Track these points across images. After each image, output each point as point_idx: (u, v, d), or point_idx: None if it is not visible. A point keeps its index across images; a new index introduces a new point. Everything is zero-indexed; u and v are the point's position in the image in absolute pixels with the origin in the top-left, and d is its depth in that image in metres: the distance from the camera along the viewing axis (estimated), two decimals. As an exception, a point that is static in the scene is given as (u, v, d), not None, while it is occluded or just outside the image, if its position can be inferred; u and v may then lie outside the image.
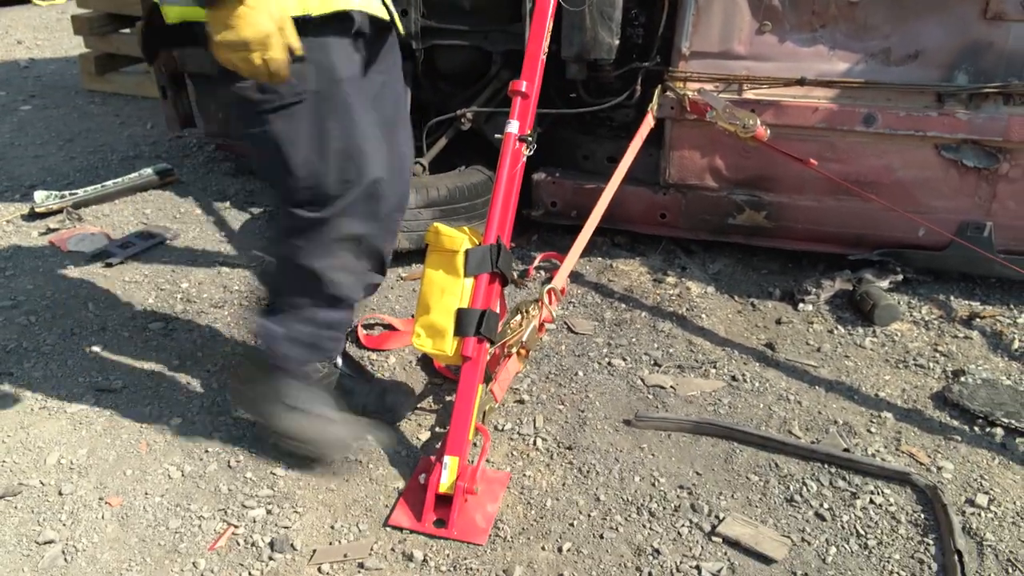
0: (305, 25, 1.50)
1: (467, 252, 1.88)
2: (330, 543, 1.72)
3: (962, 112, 2.50)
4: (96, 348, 2.38)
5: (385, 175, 1.73)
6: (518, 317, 2.14)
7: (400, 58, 1.87)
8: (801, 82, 2.58)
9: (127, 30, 4.87)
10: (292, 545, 1.70)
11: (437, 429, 2.05)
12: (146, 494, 1.84)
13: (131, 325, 2.51)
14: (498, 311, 1.97)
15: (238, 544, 1.71)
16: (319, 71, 1.56)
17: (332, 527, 1.76)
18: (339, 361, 2.07)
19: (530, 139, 2.08)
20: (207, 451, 1.98)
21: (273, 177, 1.69)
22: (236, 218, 3.26)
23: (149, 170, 3.56)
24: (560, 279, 2.20)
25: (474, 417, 1.83)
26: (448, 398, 2.18)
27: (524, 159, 2.09)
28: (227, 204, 3.37)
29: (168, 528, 1.75)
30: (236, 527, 1.75)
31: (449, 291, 1.88)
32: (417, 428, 2.06)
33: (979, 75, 2.49)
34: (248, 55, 1.41)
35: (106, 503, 1.82)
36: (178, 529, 1.75)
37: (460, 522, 1.73)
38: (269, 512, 1.79)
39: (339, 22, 1.54)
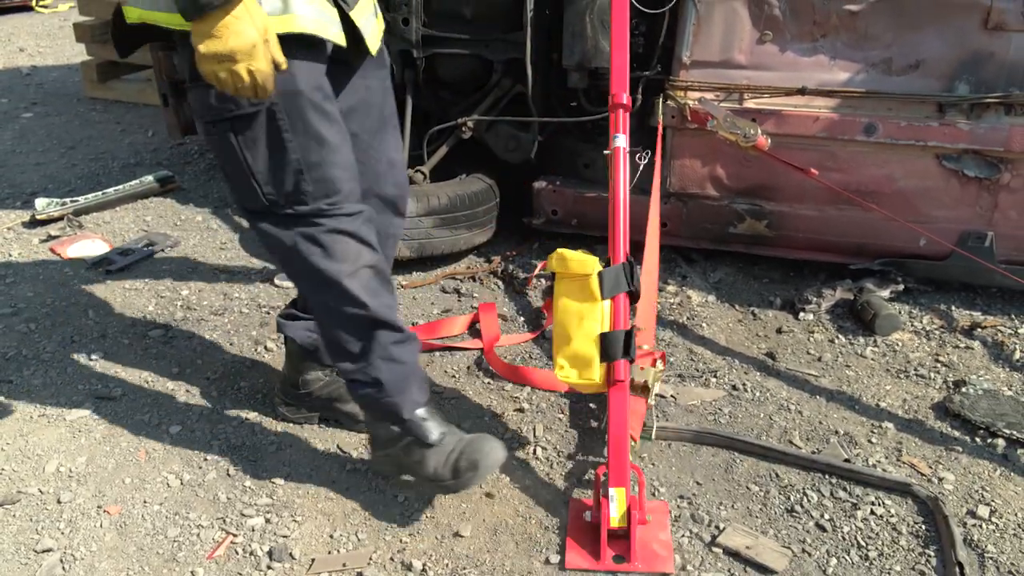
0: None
1: (600, 274, 1.82)
2: (329, 552, 1.71)
3: (963, 122, 2.50)
4: (96, 356, 2.38)
5: (342, 197, 1.65)
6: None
7: (385, 66, 1.83)
8: (802, 91, 2.59)
9: (129, 37, 4.87)
10: (291, 554, 1.70)
11: (437, 438, 2.05)
12: (145, 502, 1.84)
13: (131, 333, 2.50)
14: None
15: (236, 553, 1.70)
16: (279, 84, 1.51)
17: (331, 536, 1.75)
18: None
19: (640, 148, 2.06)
20: (206, 459, 1.97)
21: (236, 183, 1.66)
22: (237, 225, 3.26)
23: (150, 177, 3.56)
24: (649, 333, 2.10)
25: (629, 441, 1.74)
26: (448, 405, 2.17)
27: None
28: (228, 211, 3.37)
29: (166, 537, 1.75)
30: (235, 536, 1.74)
31: (588, 317, 1.80)
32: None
33: (980, 85, 2.49)
34: (233, 66, 1.39)
35: (104, 511, 1.81)
36: (176, 538, 1.75)
37: (641, 554, 1.67)
38: (268, 521, 1.79)
39: (300, 40, 1.52)
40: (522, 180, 3.05)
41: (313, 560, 1.69)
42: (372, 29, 1.71)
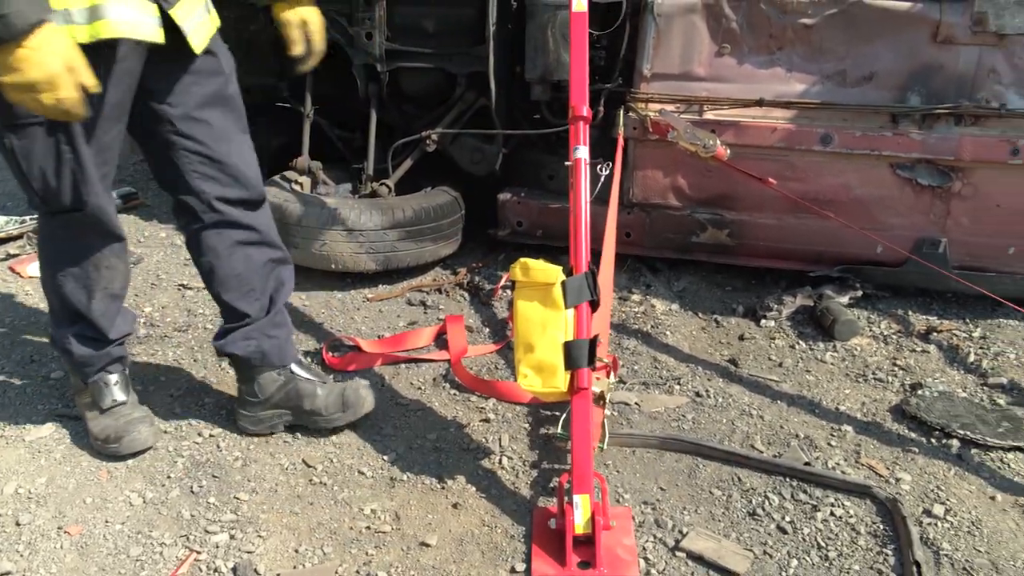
0: None
1: (563, 283, 1.83)
2: (294, 567, 1.70)
3: (915, 132, 2.56)
4: (56, 375, 2.35)
5: (102, 203, 1.80)
6: None
7: (223, 71, 1.85)
8: (760, 103, 2.64)
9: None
10: (255, 570, 1.68)
11: (401, 449, 2.05)
12: (106, 522, 1.82)
13: (93, 350, 2.47)
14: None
15: (200, 570, 1.69)
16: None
17: (296, 551, 1.74)
18: (294, 367, 2.08)
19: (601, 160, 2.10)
20: (169, 477, 1.95)
21: (19, 182, 1.77)
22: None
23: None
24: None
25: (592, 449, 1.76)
26: (414, 417, 2.18)
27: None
28: (192, 227, 3.34)
29: (129, 556, 1.73)
30: (198, 553, 1.73)
31: (551, 325, 1.81)
32: (384, 449, 2.05)
33: (931, 96, 2.56)
34: (37, 96, 1.41)
35: (65, 532, 1.79)
36: (139, 557, 1.73)
37: (606, 559, 1.67)
38: (232, 537, 1.77)
39: (91, 49, 1.54)
40: (487, 192, 3.07)
41: (278, 575, 1.68)
42: (198, 26, 1.73)
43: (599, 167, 2.23)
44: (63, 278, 1.90)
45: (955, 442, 2.08)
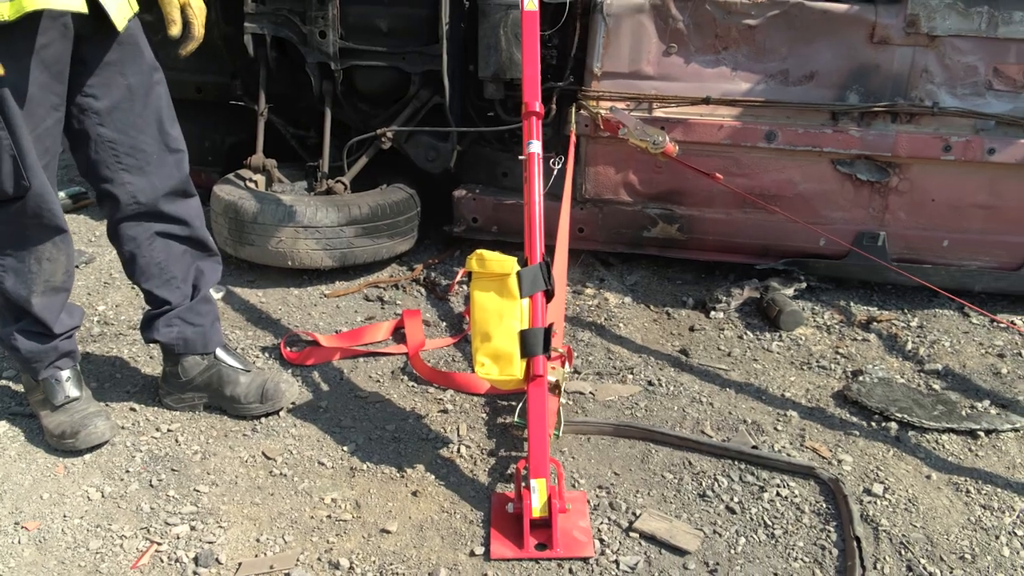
0: None
1: (519, 273, 1.87)
2: (256, 555, 1.72)
3: (854, 129, 2.67)
4: (9, 373, 2.32)
5: (44, 191, 1.79)
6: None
7: (144, 58, 1.88)
8: (706, 101, 2.72)
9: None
10: (217, 559, 1.70)
11: (360, 439, 2.08)
12: (65, 516, 1.82)
13: (45, 348, 2.45)
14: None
15: (161, 561, 1.70)
16: None
17: (258, 540, 1.76)
18: (219, 352, 2.13)
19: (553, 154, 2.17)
20: (128, 471, 1.96)
21: None
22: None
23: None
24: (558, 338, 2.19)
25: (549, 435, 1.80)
26: (373, 408, 2.21)
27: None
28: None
29: (88, 549, 1.73)
30: (159, 544, 1.74)
31: (508, 315, 1.86)
32: (343, 440, 2.08)
33: (869, 95, 2.67)
34: None
35: (23, 527, 1.78)
36: (99, 550, 1.73)
37: (563, 541, 1.72)
38: (193, 528, 1.79)
39: (15, 32, 1.59)
40: (442, 189, 3.11)
41: (240, 564, 1.69)
42: (120, 5, 1.75)
43: (552, 161, 2.30)
44: (3, 273, 1.89)
45: (893, 425, 2.18)
